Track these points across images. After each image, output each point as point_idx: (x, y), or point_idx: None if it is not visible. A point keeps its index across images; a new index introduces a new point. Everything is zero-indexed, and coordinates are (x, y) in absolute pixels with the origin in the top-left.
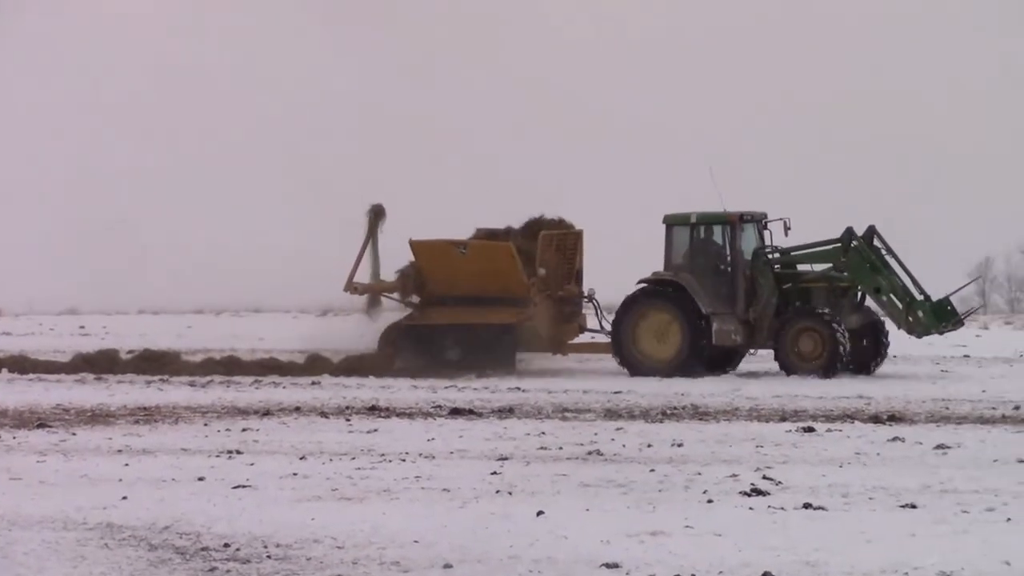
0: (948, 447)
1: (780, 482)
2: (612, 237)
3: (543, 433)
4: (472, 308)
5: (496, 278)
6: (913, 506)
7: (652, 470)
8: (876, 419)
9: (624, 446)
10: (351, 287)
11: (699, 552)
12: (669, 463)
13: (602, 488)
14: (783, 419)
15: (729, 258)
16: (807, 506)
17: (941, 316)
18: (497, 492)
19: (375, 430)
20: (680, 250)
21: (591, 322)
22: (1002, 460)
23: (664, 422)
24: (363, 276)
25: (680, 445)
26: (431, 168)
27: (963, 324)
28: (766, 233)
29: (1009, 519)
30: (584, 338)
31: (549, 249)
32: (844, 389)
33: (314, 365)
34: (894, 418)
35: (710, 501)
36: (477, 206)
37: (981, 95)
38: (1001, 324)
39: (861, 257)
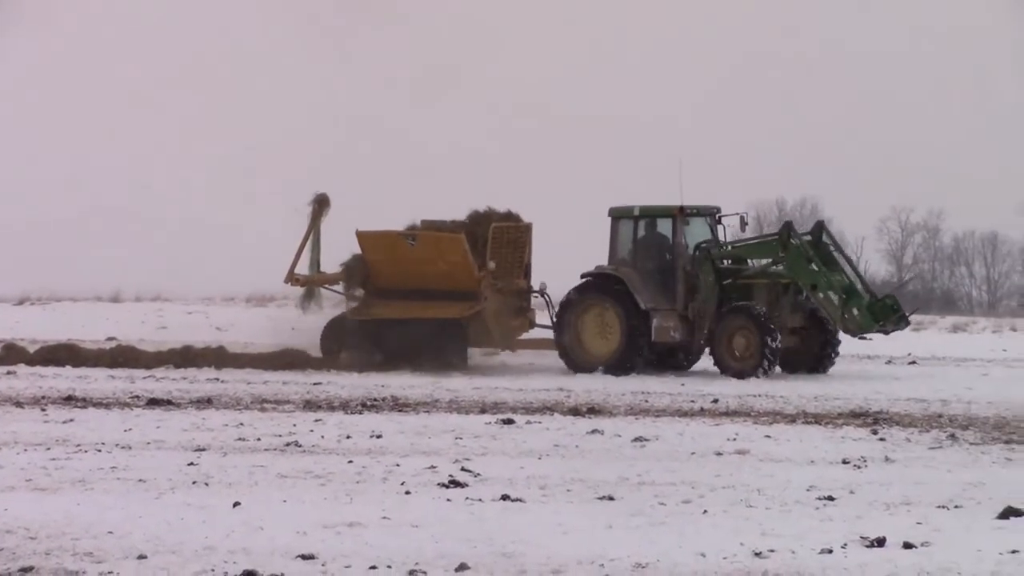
0: (646, 440)
1: (478, 474)
2: (567, 230)
3: (241, 424)
4: (419, 302)
5: (445, 271)
6: (611, 498)
7: (350, 461)
8: (576, 412)
9: (323, 437)
10: (292, 278)
11: (396, 543)
12: (368, 455)
13: (300, 479)
14: (483, 411)
15: (671, 253)
16: (505, 498)
17: (879, 315)
18: (193, 483)
19: (71, 420)
20: (624, 244)
21: (542, 317)
22: (699, 453)
23: (364, 413)
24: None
25: (379, 437)
26: (373, 159)
27: (908, 323)
28: (720, 228)
29: (705, 511)
30: (535, 333)
31: (499, 242)
32: (631, 385)
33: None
34: (593, 411)
35: (408, 493)
36: (420, 198)
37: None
38: None
39: (799, 253)
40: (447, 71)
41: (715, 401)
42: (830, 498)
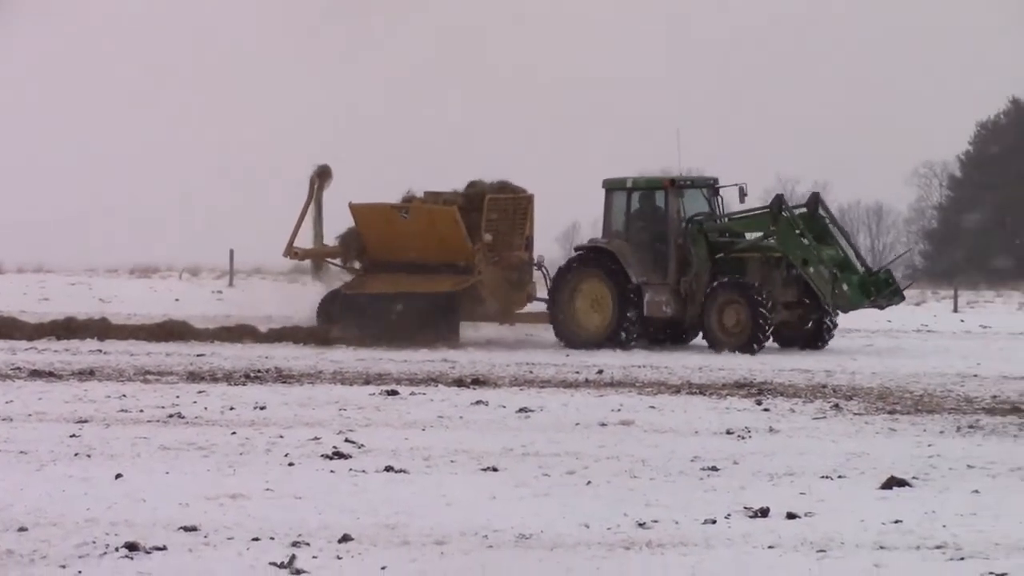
0: (531, 411)
1: (362, 445)
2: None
3: (124, 396)
4: (413, 276)
5: (439, 244)
6: (495, 469)
7: (234, 433)
8: (460, 383)
9: (206, 409)
10: (291, 252)
11: (279, 515)
12: (251, 426)
13: (182, 451)
14: (367, 382)
15: (663, 226)
16: (389, 469)
17: (869, 290)
18: (76, 455)
19: None
20: (618, 216)
21: (542, 291)
22: (584, 424)
23: (247, 385)
24: (307, 241)
25: (263, 408)
26: (373, 130)
27: (903, 298)
28: (718, 200)
29: (589, 482)
30: (534, 307)
31: (495, 214)
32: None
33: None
34: (478, 382)
35: (291, 464)
36: (422, 169)
37: None
38: None
39: (789, 226)
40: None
41: (600, 372)
42: (714, 469)
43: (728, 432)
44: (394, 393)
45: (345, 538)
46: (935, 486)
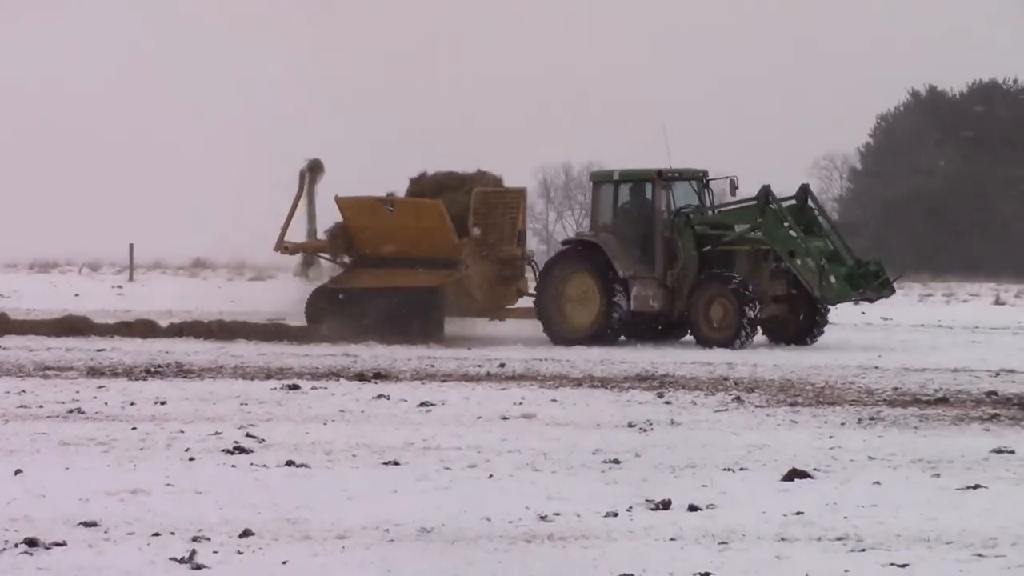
0: (432, 404)
1: (263, 440)
2: None
3: (23, 391)
4: (399, 270)
5: (425, 238)
6: (396, 463)
7: (134, 428)
8: (361, 377)
9: (106, 404)
10: (281, 246)
11: (179, 510)
12: (152, 421)
13: (83, 447)
14: (268, 377)
15: (650, 218)
16: (290, 463)
17: (857, 282)
18: None
19: None
20: (605, 209)
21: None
22: (485, 417)
23: (148, 380)
24: (300, 235)
25: (163, 403)
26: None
27: (893, 290)
28: (708, 192)
29: (491, 475)
30: (526, 302)
31: (484, 208)
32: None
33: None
34: (379, 376)
35: (192, 459)
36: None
37: None
38: None
39: (776, 218)
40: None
41: (501, 365)
42: (616, 461)
43: (630, 425)
44: (295, 388)
45: (246, 533)
46: (836, 478)
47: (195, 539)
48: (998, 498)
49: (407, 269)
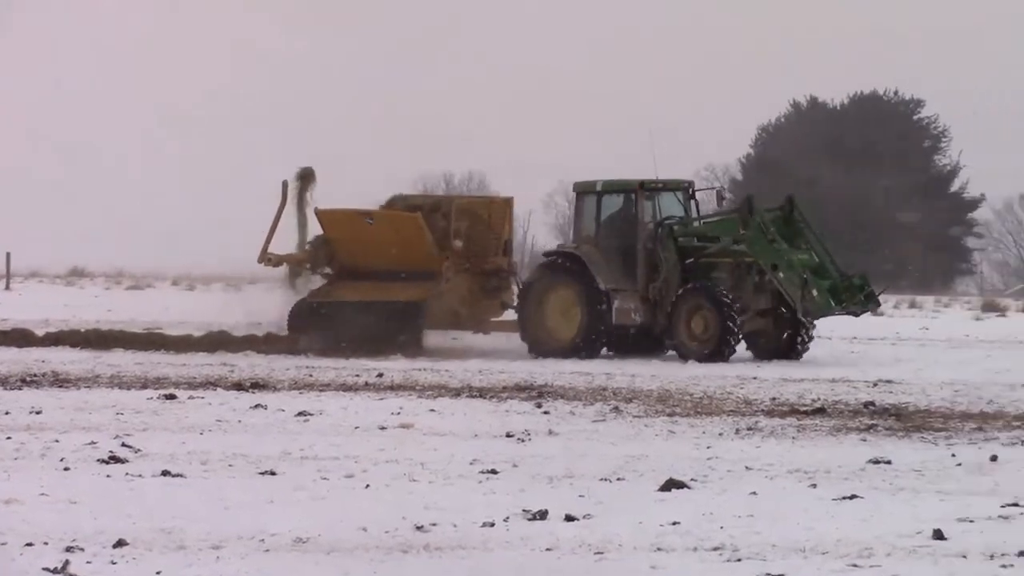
0: (310, 414)
1: (139, 449)
2: None
3: None
4: (380, 284)
5: (405, 251)
6: (273, 473)
7: (9, 438)
8: (239, 386)
9: None
10: (264, 258)
11: (53, 520)
12: (26, 430)
13: None
14: (144, 386)
15: (632, 230)
16: (166, 473)
17: (840, 296)
18: None
19: None
20: (588, 221)
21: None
22: (363, 427)
23: (23, 389)
24: (288, 247)
25: (38, 412)
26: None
27: (879, 304)
28: (694, 204)
29: (368, 485)
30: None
31: (466, 220)
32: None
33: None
34: (257, 385)
35: (67, 469)
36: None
37: None
38: None
39: (760, 230)
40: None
41: (380, 375)
42: (493, 472)
43: (508, 435)
44: (172, 397)
45: (120, 543)
46: (713, 488)
47: (68, 549)
48: (874, 508)
49: (387, 282)
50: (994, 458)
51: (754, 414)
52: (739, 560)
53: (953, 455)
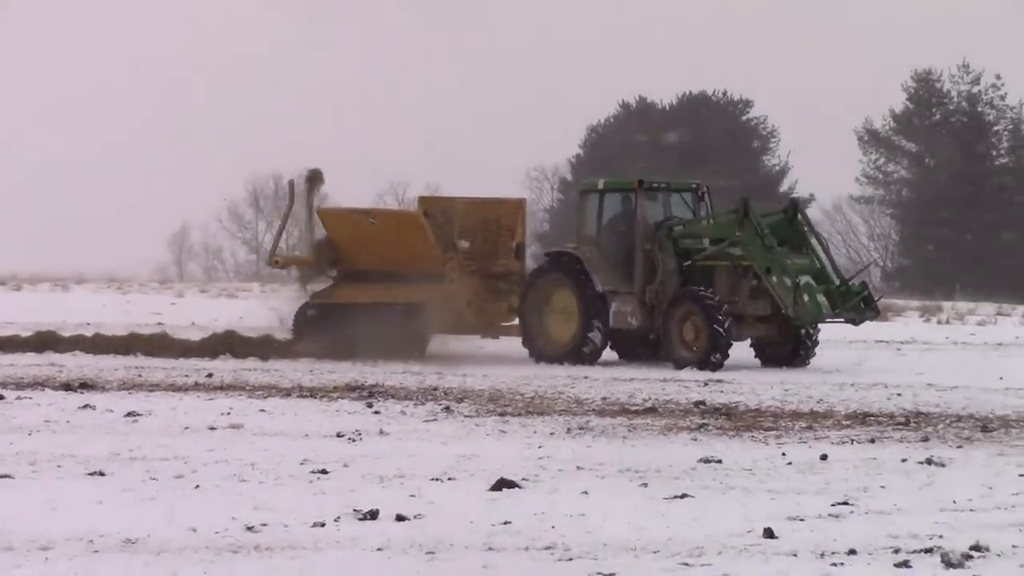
0: (139, 414)
1: None
2: None
3: None
4: (380, 286)
5: (407, 251)
6: (101, 474)
7: None
8: (68, 387)
9: None
10: (272, 260)
11: None
12: None
13: None
14: None
15: (631, 230)
16: None
17: (835, 303)
18: None
19: None
20: (590, 221)
21: None
22: (193, 427)
23: None
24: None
25: None
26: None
27: (877, 312)
28: (704, 205)
29: (198, 486)
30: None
31: (472, 220)
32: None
33: None
34: (86, 385)
35: None
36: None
37: None
38: (197, 292)
39: (755, 232)
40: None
41: (209, 375)
42: (324, 472)
43: (339, 435)
44: (0, 398)
45: None
46: (545, 487)
47: None
48: (705, 507)
49: (388, 284)
50: (824, 457)
51: (585, 413)
52: (570, 559)
53: (783, 454)
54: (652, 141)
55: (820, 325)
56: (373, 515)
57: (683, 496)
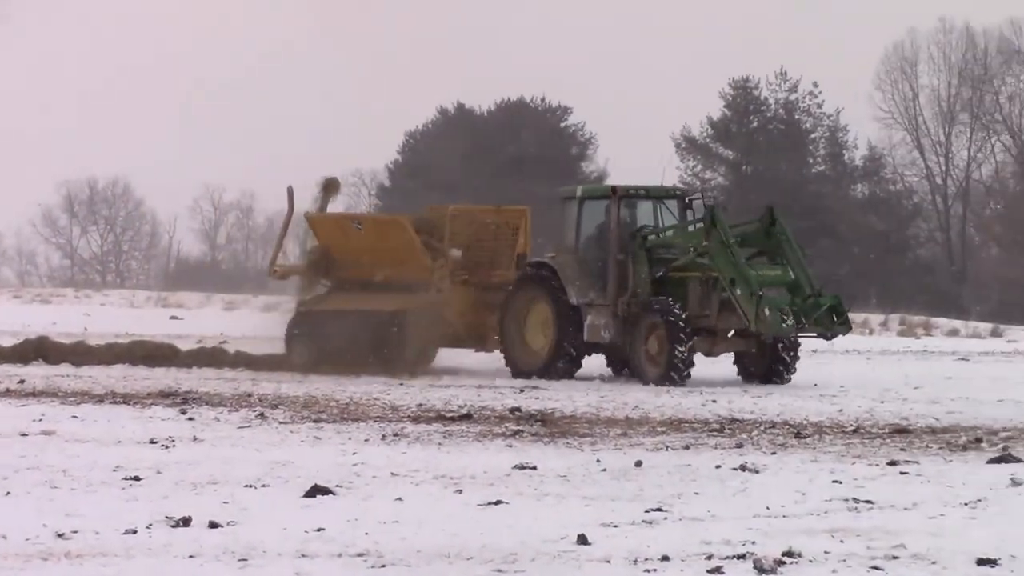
0: None
1: None
2: None
3: None
4: (365, 294)
5: (394, 259)
6: None
7: None
8: None
9: None
10: (272, 270)
11: None
12: None
13: None
14: None
15: (605, 239)
16: None
17: (799, 316)
18: None
19: None
20: (569, 229)
21: None
22: (4, 434)
23: None
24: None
25: None
26: None
27: (849, 327)
28: (691, 213)
29: (8, 493)
30: None
31: (465, 229)
32: None
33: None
34: None
35: None
36: None
37: None
38: (10, 298)
39: (721, 242)
40: None
41: (21, 382)
42: (136, 478)
43: (152, 441)
44: None
45: None
46: (359, 494)
47: None
48: (519, 513)
49: (374, 293)
50: (639, 463)
51: (400, 420)
52: (384, 566)
53: (598, 460)
54: (472, 147)
55: (801, 341)
56: (186, 522)
57: (497, 503)
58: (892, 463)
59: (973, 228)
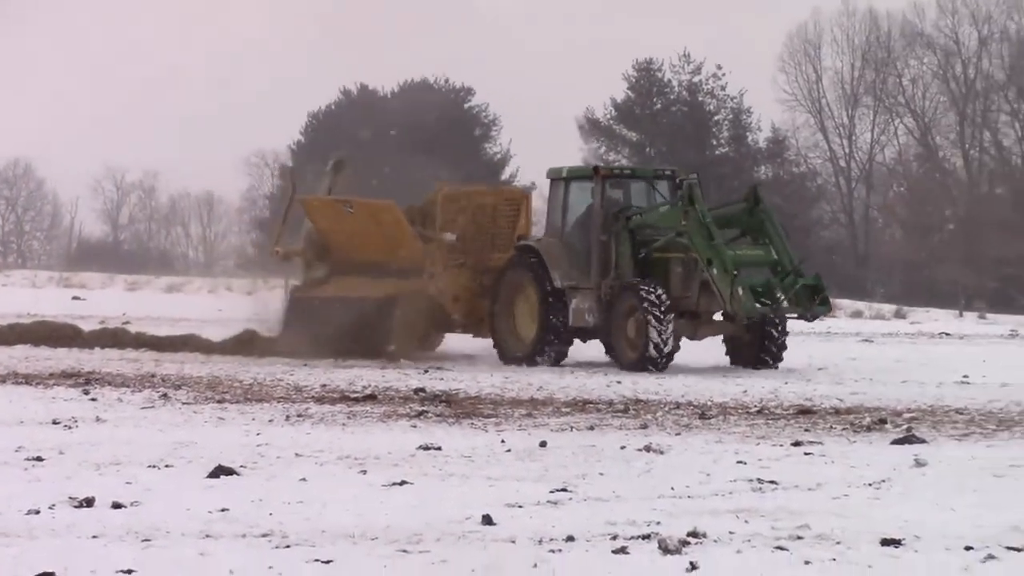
0: None
1: None
2: None
3: None
4: (358, 279)
5: (386, 243)
6: None
7: None
8: None
9: None
10: (274, 251)
11: None
12: None
13: None
14: None
15: (588, 221)
16: None
17: (775, 298)
18: None
19: None
20: (556, 211)
21: None
22: None
23: None
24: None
25: None
26: None
27: (830, 308)
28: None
29: None
30: None
31: (458, 212)
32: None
33: None
34: None
35: None
36: None
37: None
38: None
39: (699, 221)
40: None
41: None
42: (39, 459)
43: (54, 422)
44: None
45: None
46: (263, 474)
47: None
48: (423, 494)
49: (367, 277)
50: (543, 444)
51: (304, 400)
52: (288, 546)
53: (503, 441)
54: (375, 128)
55: (789, 322)
56: (89, 502)
57: (402, 483)
58: (796, 444)
59: (876, 210)
